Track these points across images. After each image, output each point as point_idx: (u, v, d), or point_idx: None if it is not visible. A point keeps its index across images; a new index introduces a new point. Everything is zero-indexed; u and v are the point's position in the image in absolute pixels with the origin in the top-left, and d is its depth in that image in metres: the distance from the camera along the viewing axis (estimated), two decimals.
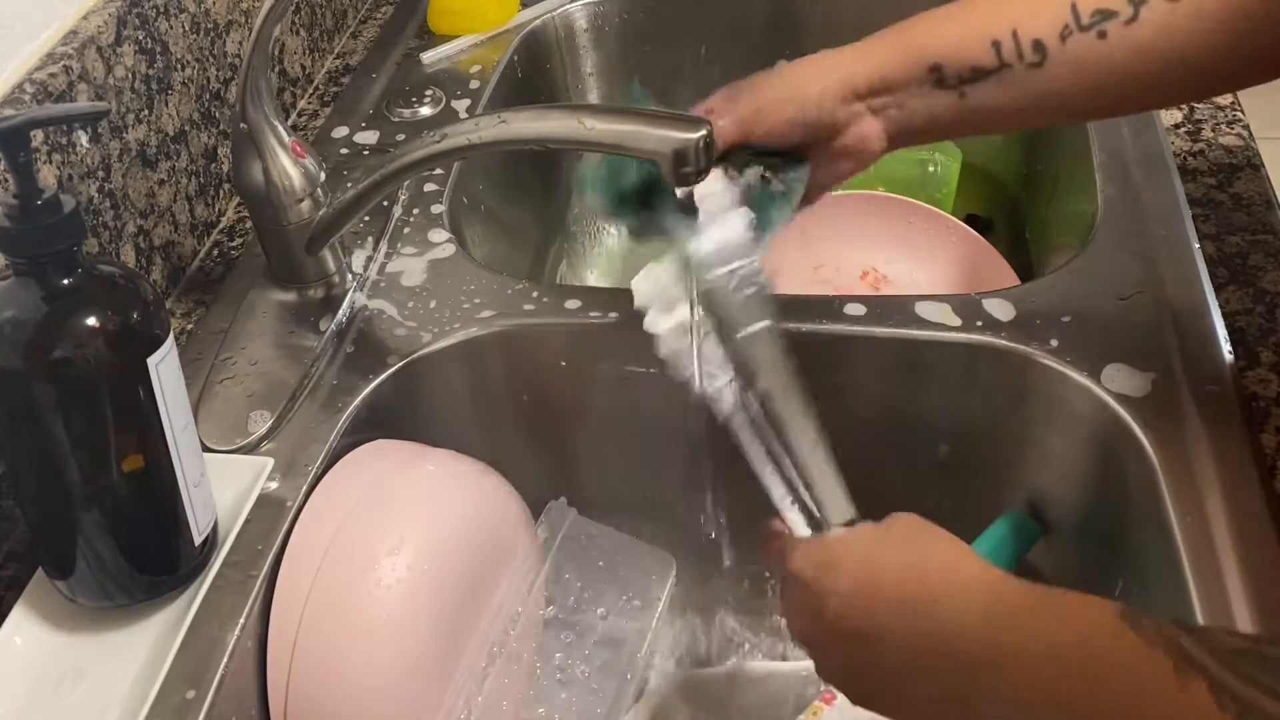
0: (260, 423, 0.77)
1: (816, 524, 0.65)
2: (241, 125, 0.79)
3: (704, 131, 0.63)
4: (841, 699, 0.84)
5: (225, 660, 0.66)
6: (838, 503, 0.65)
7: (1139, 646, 0.48)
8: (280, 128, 0.81)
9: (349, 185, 0.79)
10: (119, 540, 0.65)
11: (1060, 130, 1.07)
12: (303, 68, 1.09)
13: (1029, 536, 0.80)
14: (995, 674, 0.52)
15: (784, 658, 0.91)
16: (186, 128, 0.91)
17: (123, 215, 0.83)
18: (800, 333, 0.82)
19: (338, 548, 0.71)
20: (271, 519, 0.72)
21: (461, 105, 1.07)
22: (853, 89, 0.71)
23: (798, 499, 0.65)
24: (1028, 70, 0.68)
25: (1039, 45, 0.67)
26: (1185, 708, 0.46)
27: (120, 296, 0.62)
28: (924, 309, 0.82)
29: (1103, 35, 0.66)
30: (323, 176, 0.83)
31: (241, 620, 0.68)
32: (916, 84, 0.70)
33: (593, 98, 1.25)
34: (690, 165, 0.64)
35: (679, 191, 0.69)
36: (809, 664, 0.89)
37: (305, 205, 0.82)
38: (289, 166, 0.81)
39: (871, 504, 0.87)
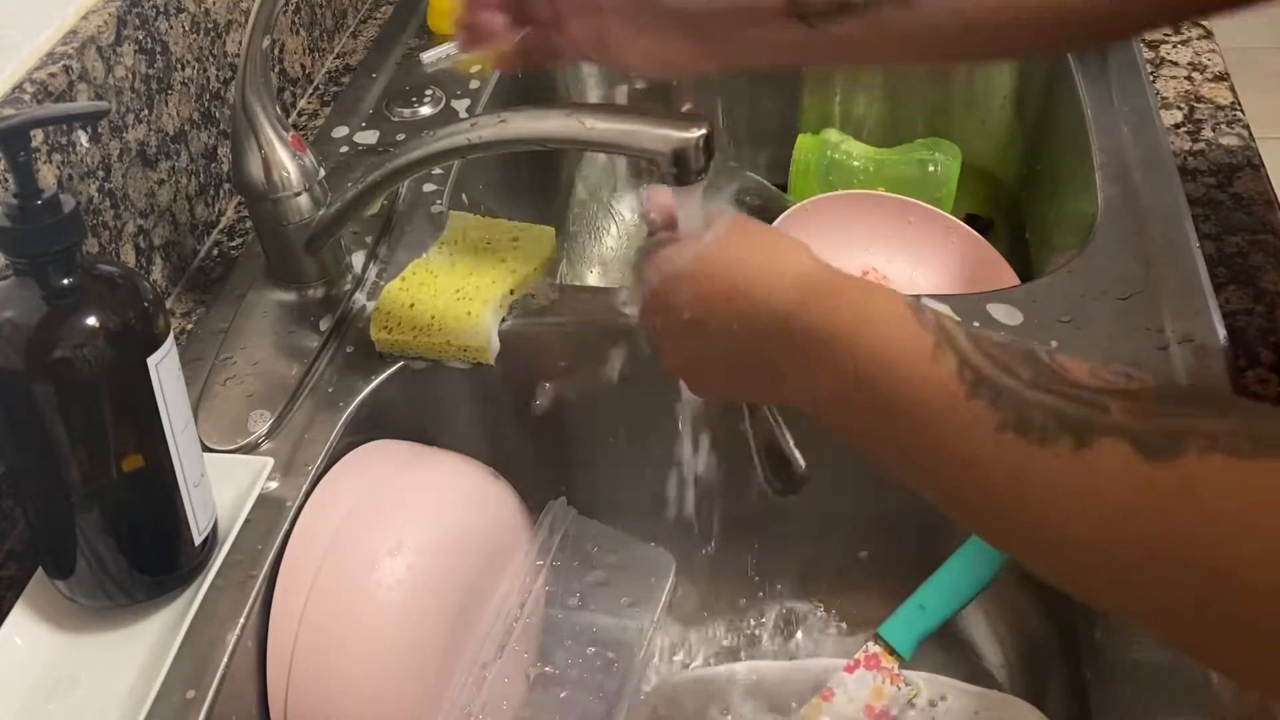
0: (260, 423, 0.77)
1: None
2: (242, 117, 0.79)
3: (704, 131, 0.63)
4: (839, 695, 0.84)
5: (225, 660, 0.66)
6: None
7: (908, 328, 0.53)
8: (278, 120, 0.81)
9: (349, 185, 0.79)
10: (119, 540, 0.65)
11: (1060, 130, 1.07)
12: (303, 68, 1.09)
13: None
14: (795, 355, 0.58)
15: (784, 657, 0.91)
16: (186, 128, 0.91)
17: (123, 215, 0.83)
18: None
19: (338, 548, 0.71)
20: (271, 519, 0.72)
21: (461, 105, 1.07)
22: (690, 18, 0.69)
23: None
24: (891, 8, 0.65)
25: None
26: (930, 376, 0.51)
27: (120, 296, 0.62)
28: None
29: None
30: (321, 173, 0.83)
31: (241, 620, 0.68)
32: (772, 16, 0.67)
33: (592, 97, 1.25)
34: (690, 165, 0.63)
35: None
36: (809, 663, 0.89)
37: (304, 201, 0.82)
38: (287, 159, 0.81)
39: (870, 503, 0.87)
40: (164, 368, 0.63)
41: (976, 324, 0.80)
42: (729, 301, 0.60)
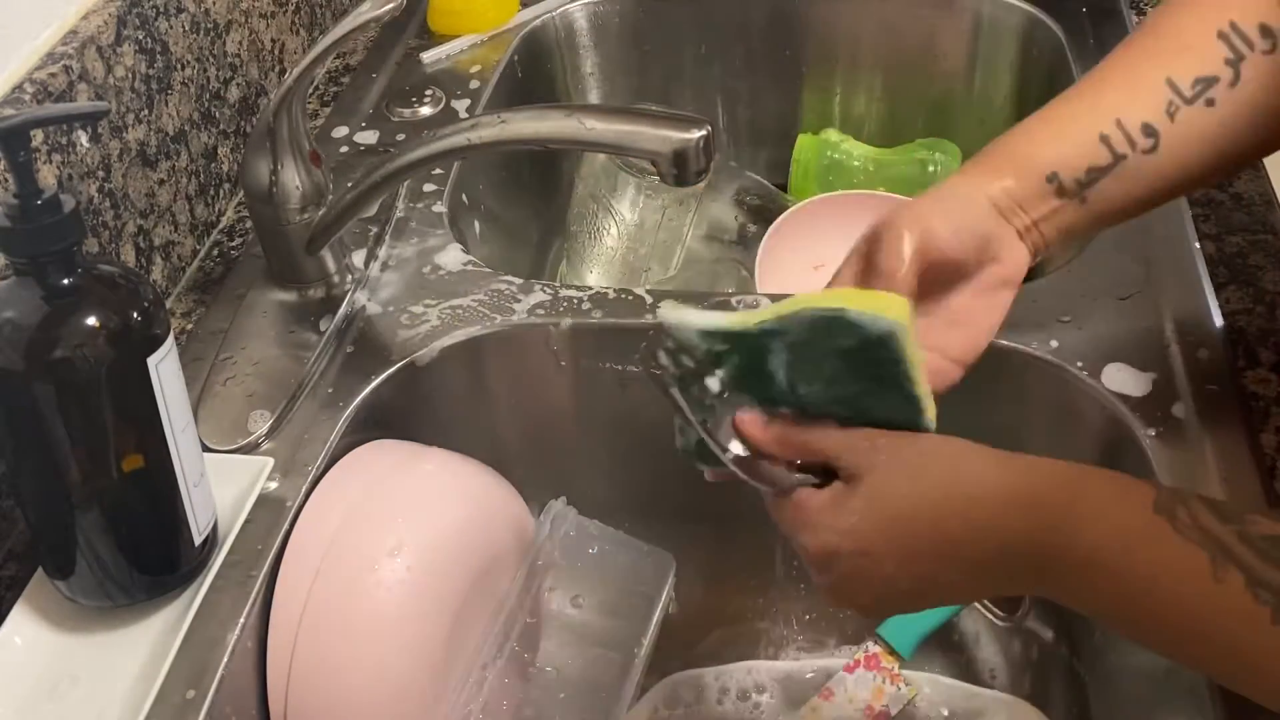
0: (260, 423, 0.77)
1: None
2: (270, 127, 0.79)
3: (704, 132, 0.63)
4: (839, 695, 0.84)
5: (225, 660, 0.66)
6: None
7: (1175, 544, 0.50)
8: (306, 138, 0.81)
9: (349, 186, 0.79)
10: (119, 540, 0.65)
11: None
12: None
13: None
14: (1039, 579, 0.55)
15: (784, 657, 0.92)
16: (186, 128, 0.91)
17: (123, 215, 0.83)
18: None
19: (338, 548, 0.71)
20: (271, 519, 0.72)
21: (461, 105, 1.07)
22: (998, 208, 0.66)
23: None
24: (1144, 157, 0.64)
25: (1148, 128, 0.64)
26: (1221, 602, 0.48)
27: (120, 296, 0.62)
28: None
29: (1210, 103, 0.63)
30: (331, 188, 0.83)
31: (241, 620, 0.68)
32: (1040, 198, 0.66)
33: (593, 98, 1.25)
34: (690, 165, 0.63)
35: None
36: (809, 663, 0.89)
37: (307, 209, 0.82)
38: (303, 176, 0.81)
39: None
40: (164, 368, 0.63)
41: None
42: (942, 558, 0.57)
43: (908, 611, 0.72)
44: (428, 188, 0.97)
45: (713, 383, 0.62)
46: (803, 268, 1.06)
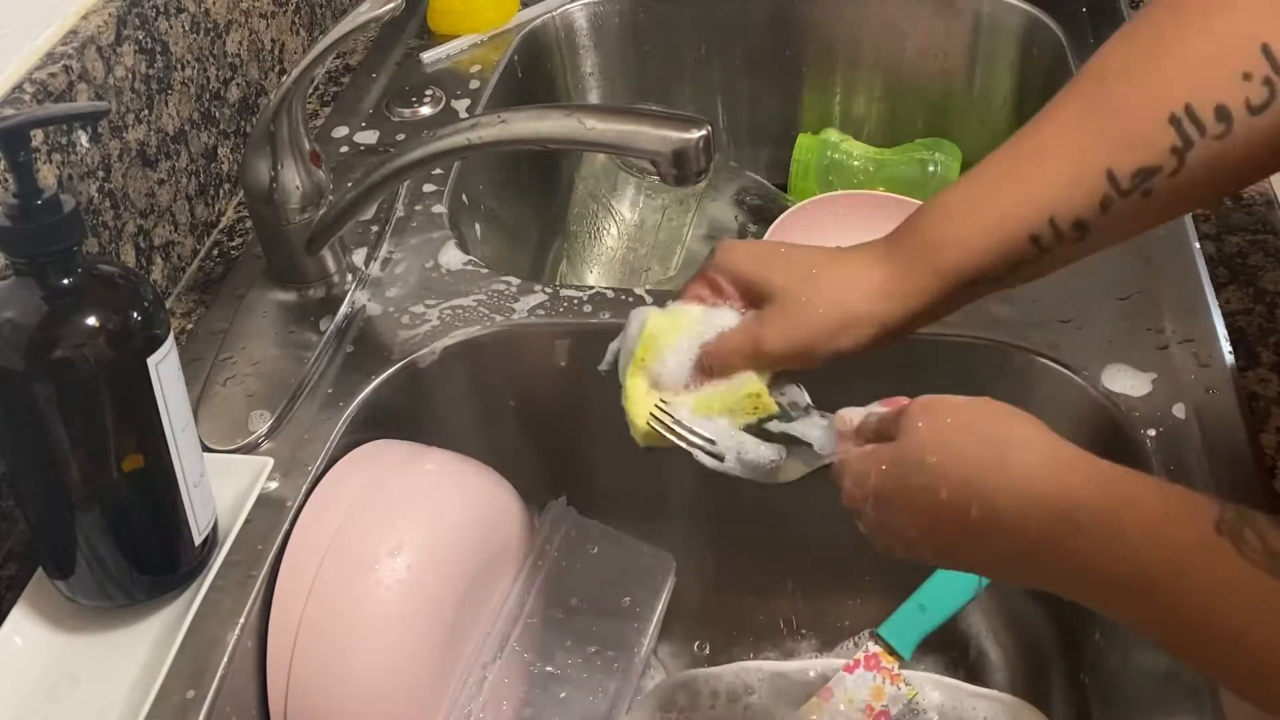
0: (260, 423, 0.77)
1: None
2: (270, 127, 0.79)
3: (704, 132, 0.63)
4: (839, 694, 0.84)
5: (225, 660, 0.66)
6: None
7: (1238, 568, 0.47)
8: (306, 138, 0.81)
9: (349, 186, 0.79)
10: (119, 540, 0.65)
11: None
12: None
13: None
14: (1072, 584, 0.53)
15: (784, 657, 0.91)
16: (186, 128, 0.91)
17: (123, 215, 0.83)
18: None
19: (338, 548, 0.71)
20: (271, 519, 0.72)
21: (461, 105, 1.07)
22: (888, 331, 0.66)
23: None
24: (1068, 247, 0.62)
25: (1080, 225, 0.61)
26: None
27: (120, 296, 0.62)
28: None
29: (1147, 194, 0.59)
30: (331, 188, 0.83)
31: (241, 620, 0.68)
32: (952, 298, 0.65)
33: (593, 98, 1.25)
34: (690, 165, 0.63)
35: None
36: (809, 663, 0.89)
37: (307, 209, 0.82)
38: (303, 176, 0.81)
39: None
40: (164, 368, 0.63)
41: None
42: (972, 538, 0.55)
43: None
44: (428, 188, 0.97)
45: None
46: None
